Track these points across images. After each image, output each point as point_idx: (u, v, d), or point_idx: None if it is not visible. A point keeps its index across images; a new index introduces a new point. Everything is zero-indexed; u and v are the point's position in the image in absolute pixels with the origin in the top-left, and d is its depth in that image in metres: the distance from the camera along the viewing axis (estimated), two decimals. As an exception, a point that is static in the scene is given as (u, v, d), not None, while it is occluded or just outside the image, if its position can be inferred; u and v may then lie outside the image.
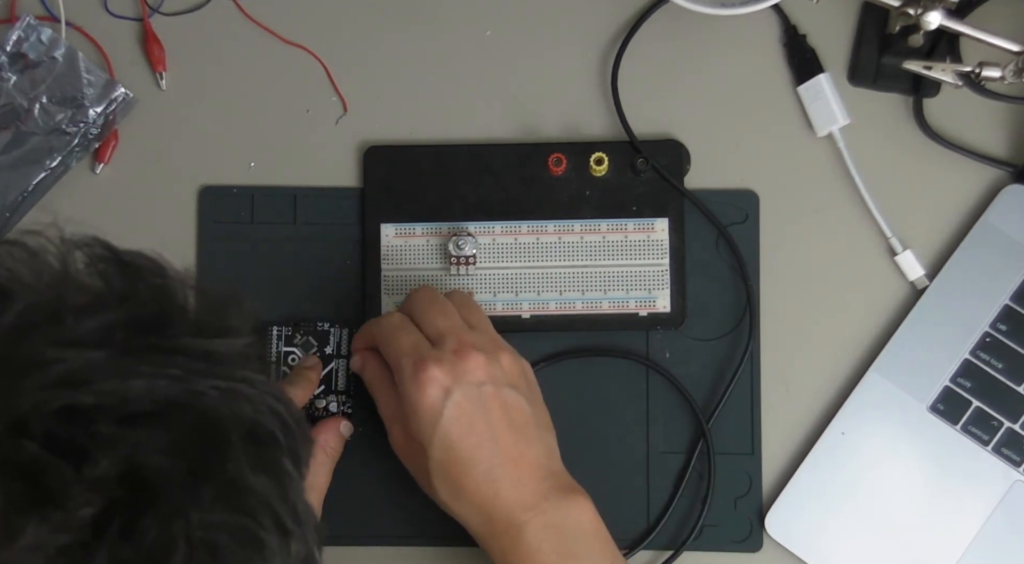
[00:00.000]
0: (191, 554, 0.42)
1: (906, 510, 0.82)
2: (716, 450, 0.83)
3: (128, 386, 0.43)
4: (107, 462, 0.41)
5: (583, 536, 0.74)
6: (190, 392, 0.44)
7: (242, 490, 0.45)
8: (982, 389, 0.83)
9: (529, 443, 0.75)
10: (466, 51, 0.88)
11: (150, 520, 0.42)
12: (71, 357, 0.42)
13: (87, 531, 0.40)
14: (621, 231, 0.85)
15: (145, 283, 0.48)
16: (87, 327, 0.44)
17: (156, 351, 0.45)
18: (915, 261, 0.85)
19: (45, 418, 0.41)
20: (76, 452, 0.41)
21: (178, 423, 0.43)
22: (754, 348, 0.84)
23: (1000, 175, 0.86)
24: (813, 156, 0.86)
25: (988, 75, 0.81)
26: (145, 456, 0.42)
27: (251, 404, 0.46)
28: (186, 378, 0.44)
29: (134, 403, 0.43)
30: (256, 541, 0.45)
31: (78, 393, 0.42)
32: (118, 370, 0.43)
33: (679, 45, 0.87)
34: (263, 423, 0.46)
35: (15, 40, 0.84)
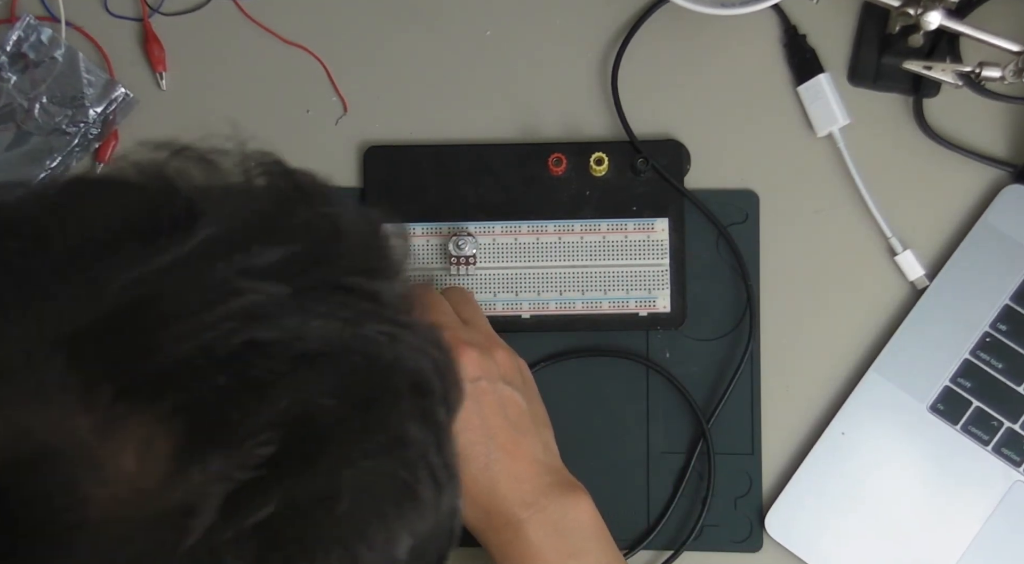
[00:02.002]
0: (355, 502, 0.42)
1: (906, 510, 0.82)
2: (716, 450, 0.83)
3: (306, 325, 0.42)
4: (286, 401, 0.41)
5: (583, 533, 0.74)
6: (360, 336, 0.44)
7: (404, 441, 0.44)
8: (982, 389, 0.83)
9: (526, 439, 0.75)
10: (466, 51, 0.88)
11: (322, 464, 0.41)
12: (257, 289, 0.42)
13: (264, 470, 0.40)
14: (621, 231, 0.85)
15: (321, 212, 0.47)
16: (271, 258, 0.43)
17: (330, 289, 0.44)
18: (915, 261, 0.85)
19: (229, 349, 0.41)
20: (257, 388, 0.41)
21: (350, 368, 0.43)
22: (754, 348, 0.84)
23: (1000, 175, 0.86)
24: (813, 156, 0.86)
25: (988, 75, 0.81)
26: (320, 399, 0.42)
27: (413, 352, 0.45)
28: (357, 321, 0.44)
29: (310, 343, 0.42)
30: (413, 494, 0.44)
31: (261, 328, 0.41)
32: (298, 307, 0.43)
33: (679, 45, 0.87)
34: (424, 372, 0.46)
35: (15, 40, 0.84)
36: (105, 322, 0.40)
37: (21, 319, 0.40)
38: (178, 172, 0.46)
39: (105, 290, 0.41)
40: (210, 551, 0.39)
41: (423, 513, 0.45)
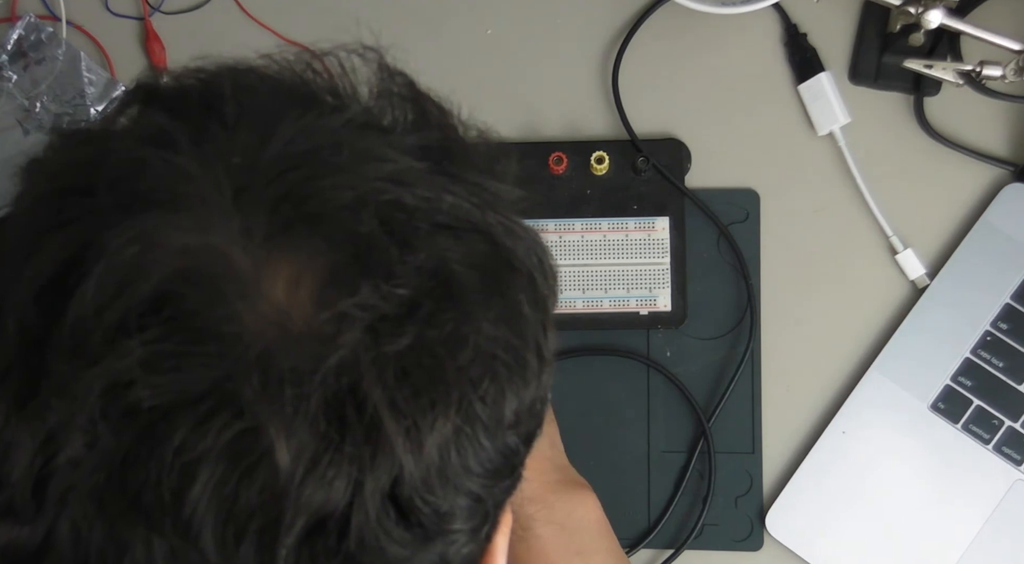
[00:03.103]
0: (475, 356, 0.45)
1: (907, 509, 0.82)
2: (717, 449, 0.83)
3: (442, 198, 0.46)
4: (424, 255, 0.45)
5: (589, 532, 0.74)
6: (484, 220, 0.47)
7: (519, 315, 0.48)
8: (983, 388, 0.83)
9: None
10: (467, 50, 0.88)
11: (451, 315, 0.45)
12: (401, 160, 0.46)
13: (404, 308, 0.44)
14: (622, 230, 0.85)
15: (448, 119, 0.52)
16: (411, 141, 0.48)
17: (461, 178, 0.48)
18: (916, 260, 0.85)
19: (379, 204, 0.45)
20: (400, 239, 0.44)
21: (477, 243, 0.47)
22: (755, 347, 0.84)
23: (1001, 174, 0.86)
24: (814, 155, 0.86)
25: (989, 74, 0.81)
26: (452, 261, 0.45)
27: (525, 246, 0.49)
28: (482, 207, 0.48)
29: (444, 215, 0.46)
30: (523, 361, 0.48)
31: (405, 192, 0.45)
32: (434, 183, 0.47)
33: (680, 44, 0.87)
34: (535, 264, 0.50)
35: (16, 39, 0.84)
36: (269, 166, 0.44)
37: (197, 158, 0.44)
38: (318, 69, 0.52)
39: (272, 140, 0.45)
40: (351, 369, 0.42)
41: (528, 381, 0.48)
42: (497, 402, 0.47)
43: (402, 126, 0.50)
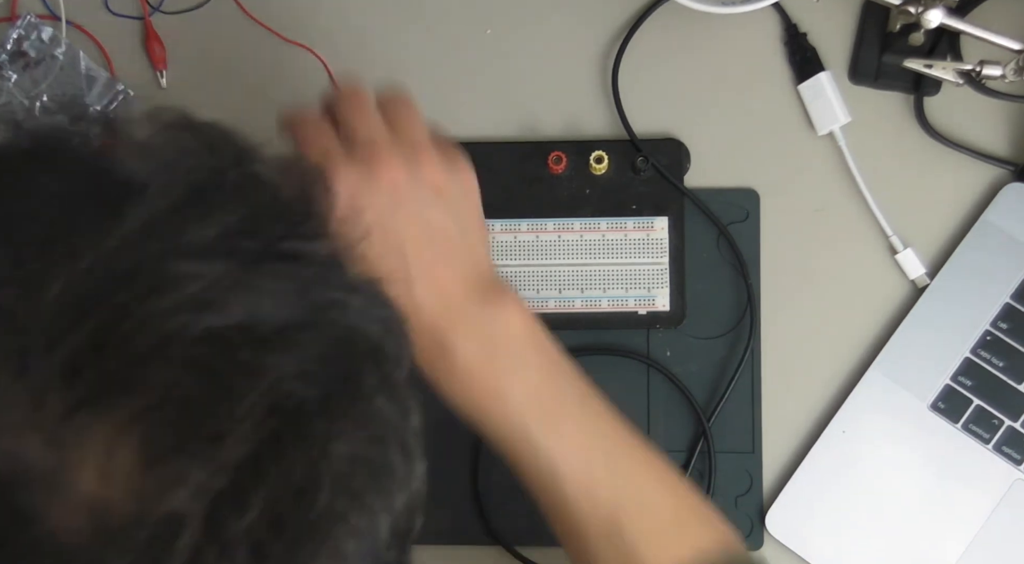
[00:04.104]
0: (335, 492, 0.40)
1: (907, 508, 0.82)
2: (716, 448, 0.83)
3: (259, 304, 0.40)
4: (255, 394, 0.38)
5: (515, 344, 0.68)
6: (313, 307, 0.41)
7: (374, 418, 0.42)
8: (983, 387, 0.83)
9: (451, 255, 0.69)
10: (466, 49, 0.88)
11: (299, 456, 0.39)
12: (201, 273, 0.39)
13: (243, 473, 0.37)
14: (621, 230, 0.85)
15: (249, 172, 0.44)
16: (209, 234, 0.40)
17: (273, 259, 0.41)
18: (916, 259, 0.85)
19: (188, 343, 0.38)
20: (223, 384, 0.38)
21: (310, 345, 0.40)
22: (755, 346, 0.84)
23: (1001, 173, 0.86)
24: (814, 155, 0.86)
25: (989, 73, 0.81)
26: (287, 384, 0.39)
27: (363, 314, 0.43)
28: (306, 290, 0.41)
29: (266, 324, 0.39)
30: (388, 471, 0.43)
31: (214, 315, 0.38)
32: (247, 285, 0.40)
33: (680, 44, 0.87)
34: (378, 336, 0.44)
35: (16, 38, 0.84)
36: (47, 325, 0.37)
37: None
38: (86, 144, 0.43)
39: (43, 292, 0.37)
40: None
41: (399, 488, 0.43)
42: (371, 528, 0.42)
43: (197, 212, 0.41)
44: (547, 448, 0.67)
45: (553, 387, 0.68)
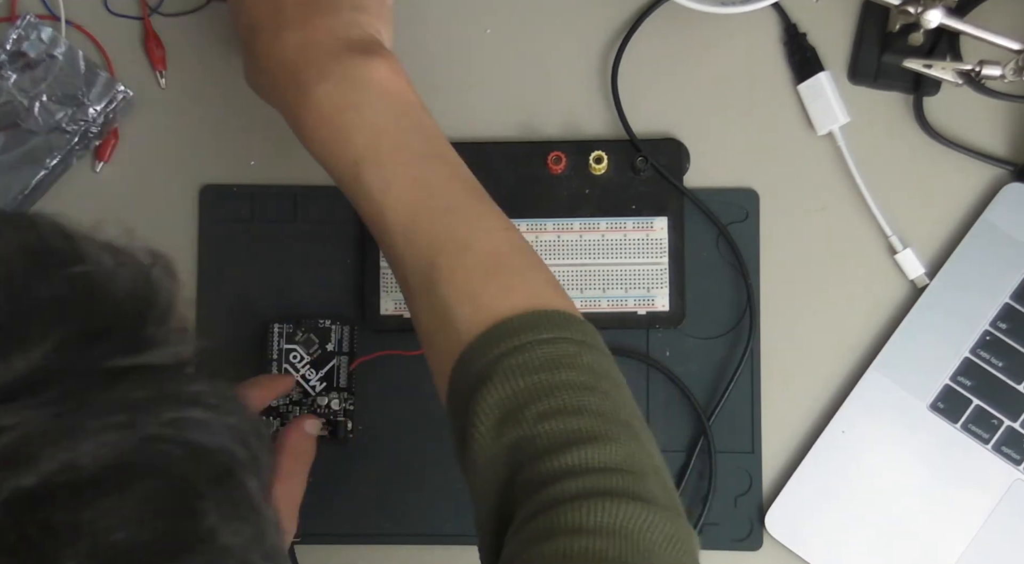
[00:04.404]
0: None
1: (906, 509, 0.82)
2: (716, 448, 0.83)
3: (77, 452, 0.36)
4: (83, 543, 0.35)
5: (368, 88, 0.68)
6: (143, 440, 0.37)
7: (219, 551, 0.39)
8: (982, 387, 0.83)
9: (322, 11, 0.69)
10: (466, 49, 0.88)
11: None
12: (7, 425, 0.35)
13: None
14: (620, 230, 0.85)
15: (71, 276, 0.40)
16: (15, 372, 0.36)
17: (94, 387, 0.38)
18: (915, 259, 0.85)
19: (5, 505, 0.34)
20: (36, 553, 0.34)
21: (139, 486, 0.37)
22: (754, 346, 0.84)
23: (1000, 173, 0.86)
24: (813, 154, 0.86)
25: (988, 73, 0.81)
26: (111, 537, 0.36)
27: (208, 431, 0.40)
28: (134, 422, 0.37)
29: (86, 471, 0.36)
30: None
31: (24, 475, 0.35)
32: (61, 432, 0.36)
33: (679, 44, 0.87)
34: (225, 451, 0.40)
35: (15, 39, 0.84)
36: None
37: None
38: None
39: None
40: None
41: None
42: None
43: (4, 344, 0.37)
44: (377, 192, 0.66)
45: (396, 136, 0.68)
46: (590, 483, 0.58)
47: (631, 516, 0.57)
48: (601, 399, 0.62)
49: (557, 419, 0.60)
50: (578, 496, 0.58)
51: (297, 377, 0.83)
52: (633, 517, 0.57)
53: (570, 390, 0.61)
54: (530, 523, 0.58)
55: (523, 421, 0.60)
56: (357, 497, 0.84)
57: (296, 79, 0.68)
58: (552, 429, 0.60)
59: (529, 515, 0.58)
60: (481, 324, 0.63)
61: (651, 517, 0.57)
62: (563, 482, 0.58)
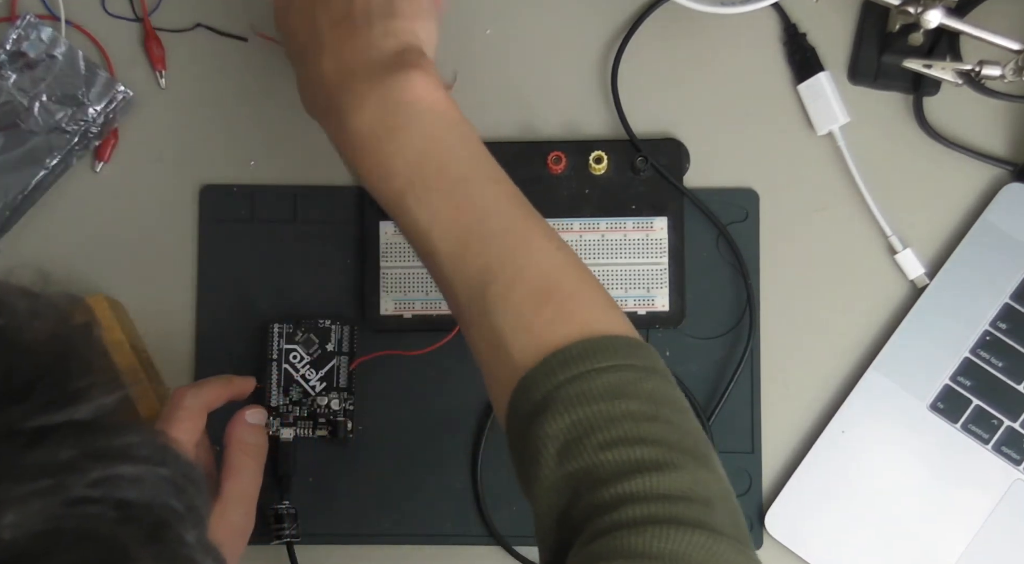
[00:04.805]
0: None
1: (906, 509, 0.82)
2: (716, 449, 0.83)
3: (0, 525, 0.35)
4: None
5: (408, 108, 0.67)
6: (70, 504, 0.36)
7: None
8: (982, 388, 0.83)
9: (355, 30, 0.69)
10: (466, 50, 0.88)
11: None
12: None
13: None
14: (620, 230, 0.85)
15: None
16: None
17: (11, 453, 0.36)
18: (915, 259, 0.85)
19: None
20: None
21: (67, 557, 0.36)
22: (754, 346, 0.84)
23: (1000, 173, 0.86)
24: (813, 155, 0.86)
25: (988, 73, 0.81)
26: None
27: (139, 487, 0.39)
28: (60, 485, 0.36)
29: (11, 544, 0.35)
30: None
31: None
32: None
33: (679, 44, 0.87)
34: (158, 505, 0.40)
35: (15, 39, 0.84)
36: None
37: None
38: None
39: None
40: None
41: None
42: None
43: None
44: (424, 221, 0.66)
45: (438, 159, 0.67)
46: (653, 510, 0.58)
47: (695, 544, 0.56)
48: (664, 428, 0.61)
49: (619, 449, 0.60)
50: (640, 522, 0.57)
51: (299, 377, 0.83)
52: (697, 545, 0.56)
53: (631, 420, 0.61)
54: (590, 545, 0.58)
55: (584, 451, 0.60)
56: (357, 497, 0.84)
57: (336, 106, 0.68)
58: (614, 458, 0.59)
59: (589, 538, 0.58)
60: (537, 354, 0.62)
61: (715, 546, 0.57)
62: (625, 508, 0.58)
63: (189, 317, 0.86)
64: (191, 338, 0.86)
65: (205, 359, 0.85)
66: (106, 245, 0.86)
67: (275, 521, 0.82)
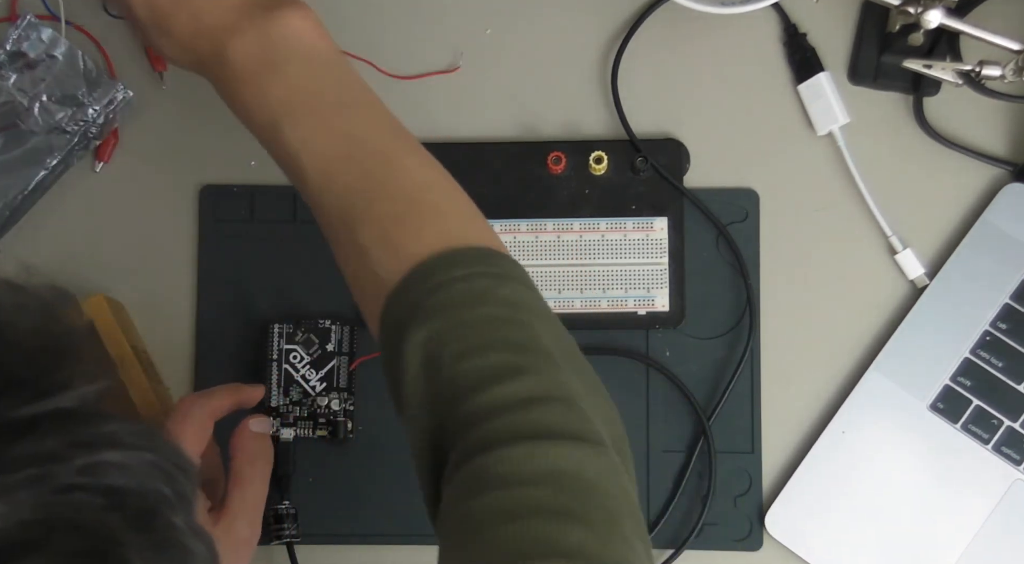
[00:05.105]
0: None
1: (906, 509, 0.82)
2: (716, 449, 0.83)
3: None
4: None
5: (285, 41, 0.69)
6: (57, 492, 0.37)
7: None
8: (982, 388, 0.83)
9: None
10: (466, 50, 0.88)
11: None
12: None
13: None
14: (620, 230, 0.85)
15: None
16: None
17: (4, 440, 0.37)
18: (915, 260, 0.85)
19: None
20: None
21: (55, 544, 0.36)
22: (754, 346, 0.84)
23: (1000, 174, 0.86)
24: (813, 155, 0.86)
25: (988, 74, 0.81)
26: None
27: (126, 473, 0.39)
28: (47, 474, 0.37)
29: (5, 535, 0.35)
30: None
31: None
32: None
33: (679, 44, 0.87)
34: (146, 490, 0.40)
35: (15, 39, 0.84)
36: None
37: None
38: None
39: None
40: None
41: None
42: None
43: None
44: (294, 148, 0.67)
45: (314, 87, 0.69)
46: (512, 422, 0.57)
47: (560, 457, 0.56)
48: (520, 331, 0.60)
49: (474, 357, 0.59)
50: (501, 441, 0.56)
51: (299, 378, 0.83)
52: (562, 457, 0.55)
53: (487, 325, 0.60)
54: (460, 471, 0.57)
55: (443, 365, 0.59)
56: (357, 497, 0.84)
57: (217, 47, 0.70)
58: (470, 368, 0.59)
59: (458, 460, 0.57)
60: (400, 269, 0.62)
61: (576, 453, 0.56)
62: (484, 423, 0.57)
63: (189, 317, 0.86)
64: (191, 338, 0.86)
65: (205, 359, 0.85)
66: (106, 245, 0.86)
67: (275, 521, 0.82)
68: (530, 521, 0.53)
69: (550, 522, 0.53)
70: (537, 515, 0.54)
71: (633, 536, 0.55)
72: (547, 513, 0.54)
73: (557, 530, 0.53)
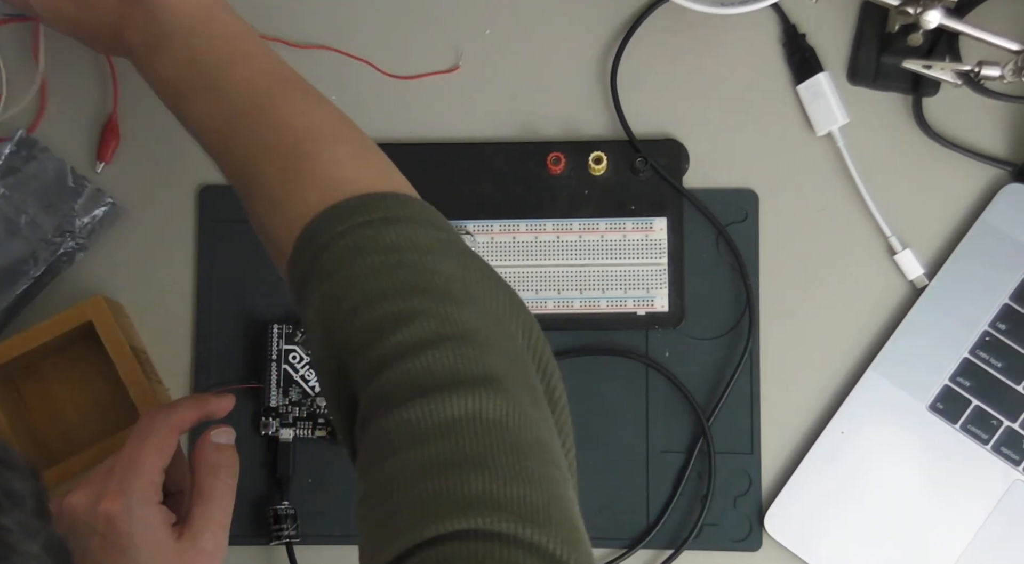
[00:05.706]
0: None
1: (905, 509, 0.82)
2: (716, 449, 0.83)
3: None
4: None
5: (166, 17, 0.70)
6: None
7: None
8: (981, 388, 0.83)
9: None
10: (466, 50, 0.88)
11: None
12: None
13: None
14: (620, 230, 0.85)
15: None
16: None
17: None
18: (914, 260, 0.85)
19: None
20: None
21: None
22: (754, 347, 0.84)
23: (999, 174, 0.86)
24: (813, 155, 0.86)
25: (987, 74, 0.81)
26: None
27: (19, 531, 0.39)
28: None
29: None
30: None
31: None
32: None
33: (678, 44, 0.87)
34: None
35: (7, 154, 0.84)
36: None
37: None
38: None
39: None
40: None
41: None
42: None
43: None
44: (194, 121, 0.68)
45: (199, 57, 0.69)
46: (401, 374, 0.55)
47: (454, 406, 0.54)
48: (406, 274, 0.59)
49: (362, 313, 0.58)
50: (393, 399, 0.55)
51: (298, 378, 0.83)
52: (457, 406, 0.54)
53: (371, 277, 0.58)
54: (365, 431, 0.56)
55: (336, 328, 0.58)
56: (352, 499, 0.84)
57: (117, 35, 0.71)
58: (360, 324, 0.57)
59: (362, 419, 0.57)
60: (290, 238, 0.61)
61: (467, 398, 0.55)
62: (378, 377, 0.56)
63: (189, 317, 0.86)
64: (191, 338, 0.86)
65: (205, 359, 0.85)
66: (106, 245, 0.86)
67: (274, 521, 0.82)
68: (429, 480, 0.52)
69: (450, 476, 0.52)
70: (438, 471, 0.52)
71: (545, 464, 0.54)
72: (447, 466, 0.53)
73: (457, 482, 0.52)
